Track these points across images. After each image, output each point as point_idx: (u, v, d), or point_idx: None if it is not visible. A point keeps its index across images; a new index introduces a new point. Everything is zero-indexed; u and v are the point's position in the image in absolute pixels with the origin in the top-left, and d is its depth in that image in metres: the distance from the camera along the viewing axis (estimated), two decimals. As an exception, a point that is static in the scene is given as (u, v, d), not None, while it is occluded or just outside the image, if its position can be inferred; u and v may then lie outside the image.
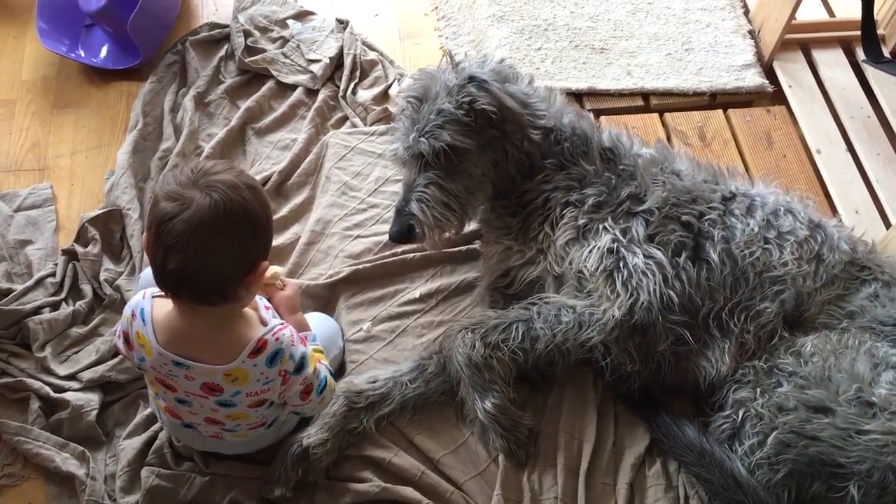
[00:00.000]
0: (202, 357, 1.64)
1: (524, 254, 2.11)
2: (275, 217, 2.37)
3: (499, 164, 2.05)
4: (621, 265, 1.95)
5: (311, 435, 1.93)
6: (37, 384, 2.08)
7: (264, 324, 1.70)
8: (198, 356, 1.64)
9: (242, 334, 1.65)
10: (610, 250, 1.96)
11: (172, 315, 1.65)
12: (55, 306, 2.24)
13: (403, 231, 2.05)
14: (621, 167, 2.08)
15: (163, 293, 1.64)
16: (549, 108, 2.10)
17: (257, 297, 1.77)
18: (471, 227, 2.29)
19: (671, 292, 1.93)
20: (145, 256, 2.27)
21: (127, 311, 1.71)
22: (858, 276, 2.03)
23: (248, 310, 1.70)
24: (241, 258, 1.57)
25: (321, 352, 1.87)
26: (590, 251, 1.98)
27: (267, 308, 1.77)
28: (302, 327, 1.90)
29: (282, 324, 1.71)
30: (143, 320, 1.66)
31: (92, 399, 2.06)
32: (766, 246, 1.99)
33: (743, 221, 2.01)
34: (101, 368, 2.11)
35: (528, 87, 2.11)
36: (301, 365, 1.71)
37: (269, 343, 1.65)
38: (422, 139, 1.97)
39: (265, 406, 1.77)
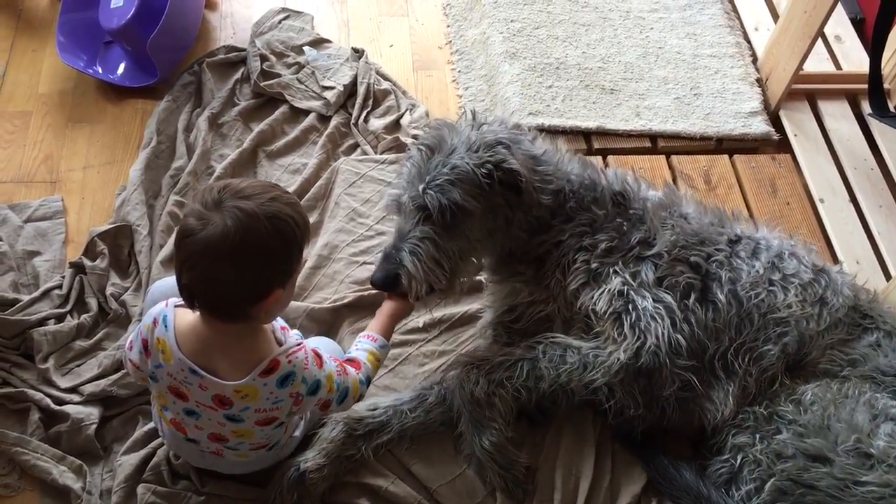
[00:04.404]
0: (217, 369, 1.66)
1: (533, 295, 2.10)
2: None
3: (494, 233, 1.99)
4: (630, 308, 1.95)
5: (309, 459, 1.93)
6: (38, 395, 2.08)
7: (279, 344, 1.71)
8: (214, 368, 1.66)
9: (256, 351, 1.66)
10: (620, 293, 1.96)
11: (195, 322, 1.66)
12: (60, 318, 2.24)
13: (389, 277, 1.92)
14: (631, 211, 2.07)
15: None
16: (557, 168, 2.05)
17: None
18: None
19: (679, 336, 1.92)
20: (152, 273, 2.35)
21: (148, 319, 1.72)
22: (861, 323, 2.05)
23: (266, 327, 1.70)
24: (248, 285, 1.57)
25: (374, 354, 1.91)
26: (600, 294, 1.98)
27: (283, 328, 1.77)
28: (384, 331, 1.97)
29: (298, 345, 1.71)
30: (166, 326, 1.68)
31: (92, 413, 2.06)
32: (770, 288, 2.00)
33: (748, 263, 2.03)
34: (102, 383, 2.11)
35: (535, 147, 2.04)
36: (315, 389, 1.72)
37: (282, 364, 1.67)
38: (429, 191, 1.87)
39: (272, 426, 1.77)
